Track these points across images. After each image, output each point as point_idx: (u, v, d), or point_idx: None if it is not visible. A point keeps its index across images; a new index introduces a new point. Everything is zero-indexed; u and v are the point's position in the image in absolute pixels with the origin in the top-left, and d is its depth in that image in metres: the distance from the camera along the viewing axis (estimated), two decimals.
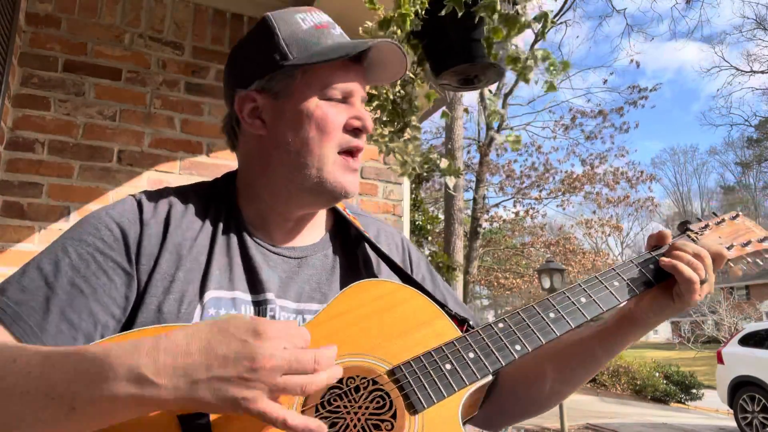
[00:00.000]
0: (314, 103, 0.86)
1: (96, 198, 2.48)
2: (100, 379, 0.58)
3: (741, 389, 9.06)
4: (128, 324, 0.78)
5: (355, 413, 0.69)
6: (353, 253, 0.99)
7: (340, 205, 1.03)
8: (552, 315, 0.84)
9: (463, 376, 0.75)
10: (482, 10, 1.47)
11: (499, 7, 1.43)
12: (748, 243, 0.99)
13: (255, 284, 0.86)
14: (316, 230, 0.98)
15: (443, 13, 1.50)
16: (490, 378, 0.78)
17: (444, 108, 1.82)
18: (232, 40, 2.89)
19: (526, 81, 1.59)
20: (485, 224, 17.53)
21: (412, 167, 1.71)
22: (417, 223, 8.85)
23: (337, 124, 0.86)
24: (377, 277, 0.96)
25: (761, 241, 1.00)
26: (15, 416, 0.59)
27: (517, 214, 17.92)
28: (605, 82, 42.05)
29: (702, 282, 0.87)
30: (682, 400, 15.60)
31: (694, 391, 15.61)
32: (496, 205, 18.77)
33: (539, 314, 0.84)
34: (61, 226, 2.40)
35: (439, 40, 1.65)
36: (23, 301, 0.72)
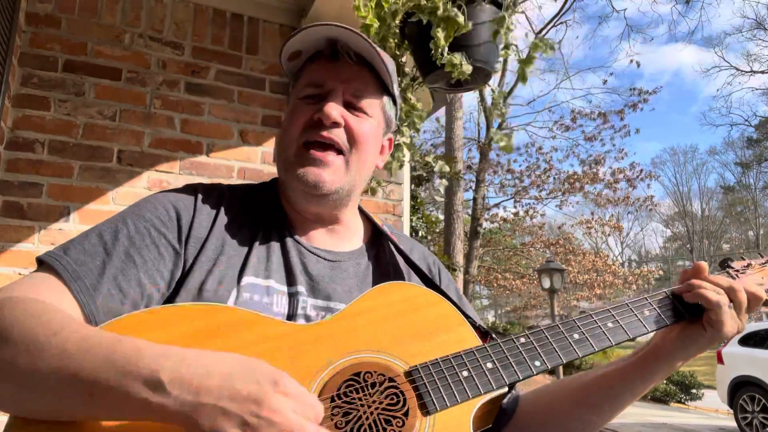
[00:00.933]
0: (291, 104, 0.96)
1: (96, 198, 2.48)
2: (123, 373, 0.60)
3: (741, 389, 9.05)
4: (171, 298, 0.83)
5: (369, 407, 0.70)
6: (387, 265, 1.03)
7: (378, 221, 1.09)
8: (576, 336, 0.83)
9: (479, 384, 0.75)
10: (426, 15, 1.48)
11: (441, 11, 1.43)
12: None
13: (290, 277, 0.91)
14: (353, 239, 1.03)
15: (415, 20, 1.51)
16: (504, 389, 0.78)
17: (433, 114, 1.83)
18: (232, 40, 2.89)
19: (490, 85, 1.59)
20: (485, 224, 17.53)
21: (376, 181, 1.72)
22: (417, 229, 8.86)
23: (300, 119, 0.92)
24: None
25: None
26: (44, 390, 0.62)
27: (516, 214, 17.93)
28: (605, 82, 41.97)
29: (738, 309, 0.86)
30: (682, 400, 15.59)
31: (694, 391, 15.60)
32: (496, 205, 18.77)
33: (563, 333, 0.83)
34: (61, 226, 2.40)
35: (422, 44, 1.65)
36: (83, 261, 0.77)
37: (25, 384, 0.63)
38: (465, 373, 0.75)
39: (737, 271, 0.98)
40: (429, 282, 1.01)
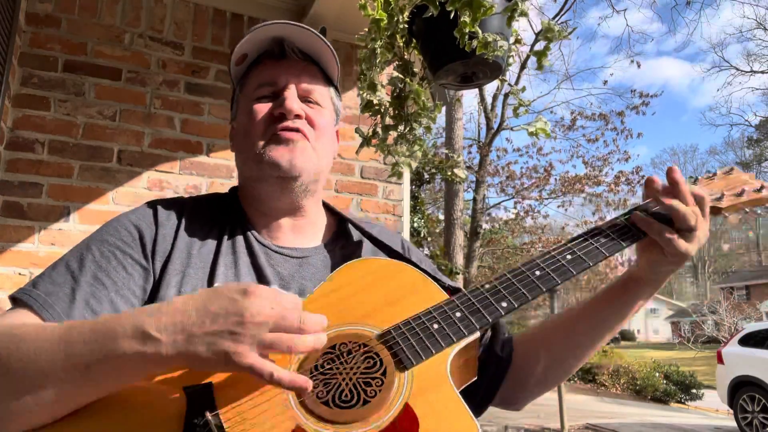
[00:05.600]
0: (247, 106, 0.98)
1: (96, 198, 2.48)
2: (111, 336, 0.65)
3: (741, 389, 9.04)
4: None
5: (347, 373, 0.72)
6: (355, 255, 1.03)
7: (344, 212, 1.10)
8: (538, 273, 0.85)
9: (450, 333, 0.76)
10: (450, 4, 1.46)
11: None
12: (742, 193, 0.98)
13: (261, 279, 0.92)
14: (318, 234, 1.04)
15: (427, 15, 1.50)
16: (477, 335, 0.79)
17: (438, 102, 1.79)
18: (232, 40, 2.89)
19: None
20: (485, 225, 17.54)
21: (406, 164, 1.70)
22: (417, 228, 8.86)
23: (261, 116, 0.95)
24: None
25: (758, 190, 0.99)
26: (43, 378, 0.65)
27: (516, 215, 17.92)
28: (605, 83, 42.00)
29: (688, 230, 0.86)
30: (682, 400, 15.59)
31: (694, 391, 15.60)
32: (496, 206, 18.76)
33: (525, 273, 0.85)
34: (61, 226, 2.40)
35: (431, 40, 1.64)
36: (52, 292, 0.80)
37: (21, 388, 0.65)
38: (436, 326, 0.77)
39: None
40: (399, 256, 1.01)
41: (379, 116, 1.67)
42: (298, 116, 0.94)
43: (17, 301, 0.80)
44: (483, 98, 14.21)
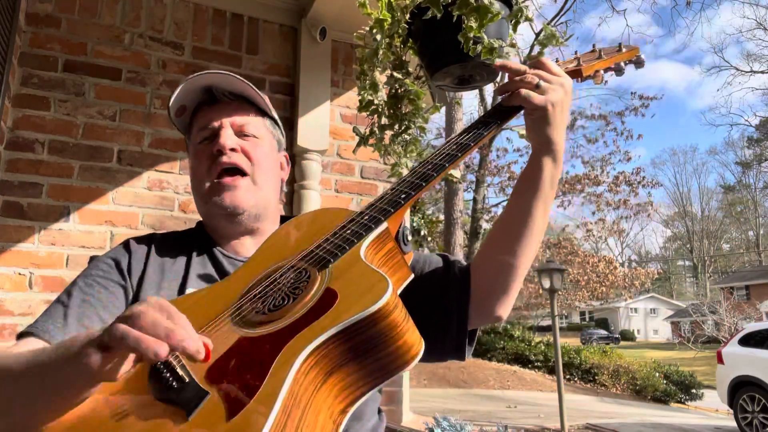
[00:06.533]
0: (193, 150, 1.10)
1: (96, 198, 2.48)
2: (68, 345, 0.69)
3: (741, 389, 9.04)
4: None
5: (279, 288, 0.81)
6: None
7: None
8: (430, 166, 0.97)
9: (360, 231, 0.86)
10: (458, 9, 1.46)
11: (473, 1, 1.42)
12: (600, 56, 1.11)
13: None
14: None
15: (428, 16, 1.50)
16: (384, 225, 0.87)
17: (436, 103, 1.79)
18: (232, 40, 2.89)
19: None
20: (485, 225, 17.54)
21: (403, 164, 1.71)
22: (417, 227, 8.87)
23: (202, 159, 1.07)
24: None
25: (618, 51, 1.13)
26: (16, 394, 0.71)
27: None
28: (606, 83, 41.83)
29: (536, 87, 0.98)
30: (682, 400, 15.61)
31: (694, 391, 15.62)
32: (496, 206, 18.77)
33: (419, 170, 0.97)
34: (61, 226, 2.40)
35: (430, 41, 1.64)
36: (49, 321, 0.92)
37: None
38: (348, 232, 0.87)
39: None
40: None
41: (375, 116, 1.67)
42: (233, 150, 1.04)
43: (22, 334, 0.90)
44: (483, 98, 14.22)
